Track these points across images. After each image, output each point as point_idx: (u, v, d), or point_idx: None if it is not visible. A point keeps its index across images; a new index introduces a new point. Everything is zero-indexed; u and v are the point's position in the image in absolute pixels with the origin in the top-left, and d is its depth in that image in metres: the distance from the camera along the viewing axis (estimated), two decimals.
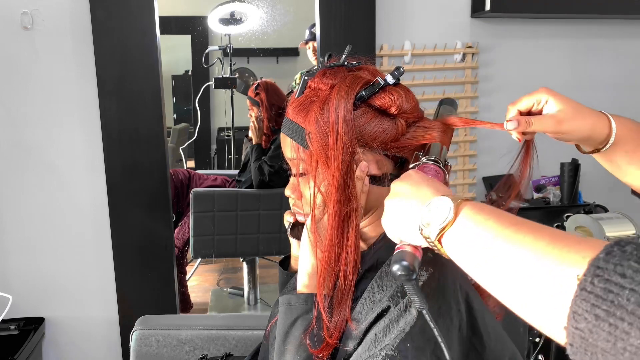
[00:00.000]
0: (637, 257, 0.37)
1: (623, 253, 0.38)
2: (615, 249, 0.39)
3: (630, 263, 0.37)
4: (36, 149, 1.88)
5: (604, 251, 0.39)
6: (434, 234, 0.53)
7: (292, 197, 0.81)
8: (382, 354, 0.65)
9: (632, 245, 0.39)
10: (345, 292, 0.73)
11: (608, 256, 0.39)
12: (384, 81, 0.73)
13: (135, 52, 1.82)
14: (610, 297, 0.37)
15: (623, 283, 0.37)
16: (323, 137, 0.72)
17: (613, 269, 0.38)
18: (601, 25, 2.21)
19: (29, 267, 1.94)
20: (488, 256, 0.48)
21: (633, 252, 0.38)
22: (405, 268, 0.56)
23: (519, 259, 0.45)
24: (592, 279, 0.38)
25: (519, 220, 0.49)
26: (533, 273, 0.44)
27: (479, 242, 0.50)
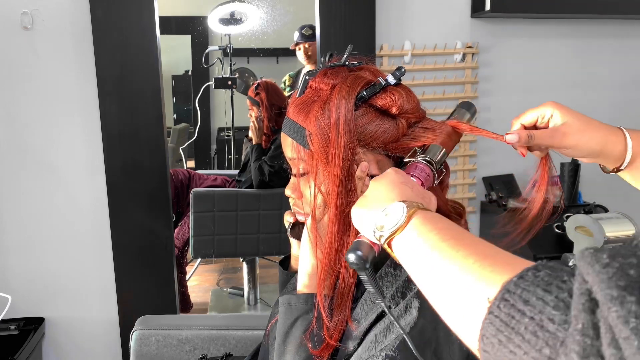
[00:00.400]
0: (546, 283, 0.37)
1: (535, 278, 0.38)
2: (530, 273, 0.39)
3: (537, 290, 0.37)
4: (36, 149, 1.88)
5: (518, 274, 0.39)
6: (384, 237, 0.56)
7: (292, 196, 0.81)
8: (382, 354, 0.65)
9: (546, 271, 0.38)
10: (345, 293, 0.73)
11: (519, 280, 0.39)
12: (385, 81, 0.73)
13: (135, 52, 1.82)
14: (512, 324, 0.37)
15: (525, 310, 0.37)
16: (324, 137, 0.72)
17: (519, 295, 0.38)
18: (601, 25, 2.21)
19: (28, 267, 1.94)
20: (425, 266, 0.50)
21: (544, 277, 0.38)
22: (358, 257, 0.59)
23: (447, 274, 0.47)
24: (500, 303, 0.39)
25: (461, 235, 0.50)
26: (456, 289, 0.45)
27: (419, 251, 0.51)
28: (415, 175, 0.69)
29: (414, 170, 0.69)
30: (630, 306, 0.31)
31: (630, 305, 0.31)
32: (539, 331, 0.36)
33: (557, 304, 0.36)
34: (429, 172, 0.70)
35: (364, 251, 0.60)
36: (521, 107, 2.44)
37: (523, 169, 2.23)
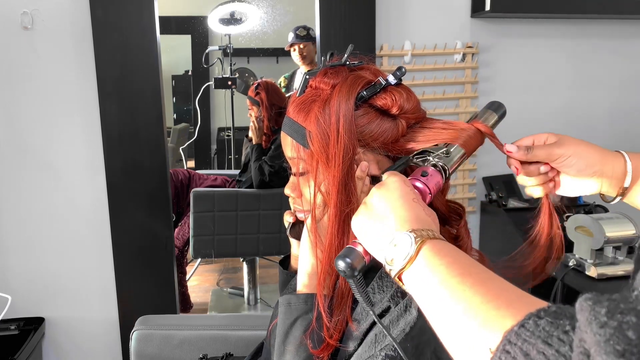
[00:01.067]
0: (547, 335, 0.37)
1: (536, 327, 0.38)
2: (531, 321, 0.38)
3: (537, 342, 0.37)
4: (36, 149, 1.88)
5: (519, 323, 0.39)
6: (394, 272, 0.54)
7: (292, 195, 0.81)
8: (382, 354, 0.65)
9: (548, 319, 0.38)
10: (345, 293, 0.73)
11: (520, 330, 0.38)
12: (385, 81, 0.73)
13: (135, 52, 1.82)
14: None
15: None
16: (324, 137, 0.71)
17: (520, 347, 0.37)
18: (601, 25, 2.21)
19: (28, 267, 1.94)
20: (433, 302, 0.49)
21: (545, 327, 0.37)
22: (347, 265, 0.58)
23: (454, 314, 0.46)
24: (501, 354, 0.39)
25: (470, 269, 0.49)
26: (461, 332, 0.44)
27: (428, 286, 0.50)
28: (423, 182, 0.65)
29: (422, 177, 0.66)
30: None
31: None
32: None
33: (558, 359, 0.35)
34: (439, 181, 0.67)
35: (354, 260, 0.59)
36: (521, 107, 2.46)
37: None
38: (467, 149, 0.72)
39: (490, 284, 0.46)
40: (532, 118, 2.19)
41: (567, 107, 2.23)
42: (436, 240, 0.53)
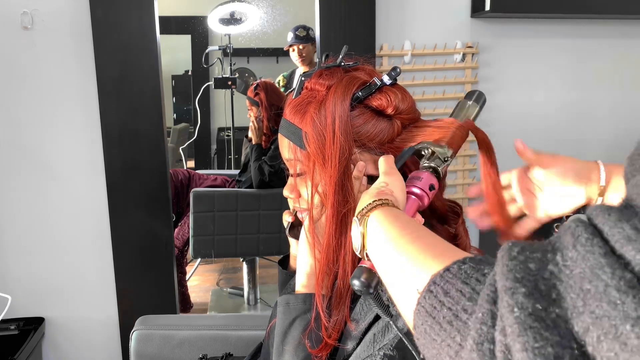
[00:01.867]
0: (467, 276, 0.39)
1: (458, 270, 0.40)
2: (455, 266, 0.41)
3: (457, 282, 0.39)
4: (36, 149, 1.88)
5: (445, 267, 0.41)
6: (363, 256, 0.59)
7: (290, 196, 0.81)
8: (380, 353, 0.65)
9: (470, 264, 0.40)
10: (344, 293, 0.73)
11: (445, 273, 0.41)
12: (380, 82, 0.73)
13: (135, 52, 1.82)
14: (434, 314, 0.40)
15: (444, 301, 0.39)
16: (320, 138, 0.72)
17: (442, 287, 0.40)
18: (601, 25, 2.21)
19: (28, 267, 1.94)
20: (381, 256, 0.54)
21: (467, 270, 0.40)
22: (362, 284, 0.61)
23: (396, 263, 0.50)
24: (426, 294, 0.41)
25: (415, 228, 0.53)
26: (401, 277, 0.48)
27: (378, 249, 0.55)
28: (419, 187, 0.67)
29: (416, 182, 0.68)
30: (518, 297, 0.33)
31: (518, 296, 0.33)
32: (454, 320, 0.38)
33: (472, 296, 0.38)
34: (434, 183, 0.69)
35: (366, 277, 0.61)
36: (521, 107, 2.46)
37: None
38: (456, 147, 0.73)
39: (429, 239, 0.50)
40: (532, 118, 2.19)
41: (567, 107, 2.23)
42: (380, 207, 0.59)
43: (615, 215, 0.33)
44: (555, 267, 0.34)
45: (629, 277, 0.30)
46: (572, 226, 0.35)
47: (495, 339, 0.34)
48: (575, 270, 0.32)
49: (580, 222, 0.34)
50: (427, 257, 0.46)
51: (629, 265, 0.30)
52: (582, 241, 0.33)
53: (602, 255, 0.31)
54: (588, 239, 0.33)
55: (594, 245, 0.32)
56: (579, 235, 0.33)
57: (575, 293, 0.32)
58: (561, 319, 0.32)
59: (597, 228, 0.33)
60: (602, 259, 0.31)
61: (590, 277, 0.31)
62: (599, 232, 0.33)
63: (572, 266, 0.33)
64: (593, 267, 0.31)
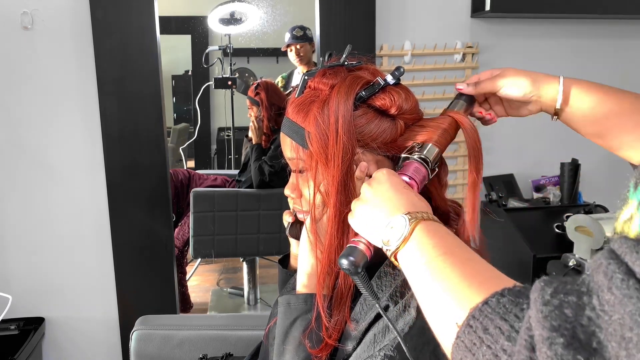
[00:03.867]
0: (505, 311, 0.39)
1: (497, 304, 0.40)
2: (494, 299, 0.41)
3: (496, 318, 0.39)
4: (36, 149, 1.88)
5: (484, 301, 0.41)
6: (391, 251, 0.57)
7: (291, 196, 0.81)
8: (381, 354, 0.65)
9: (510, 297, 0.40)
10: (344, 293, 0.73)
11: (484, 307, 0.41)
12: (384, 81, 0.73)
13: (135, 52, 1.82)
14: (474, 350, 0.39)
15: (484, 338, 0.39)
16: (323, 138, 0.71)
17: (481, 322, 0.40)
18: (601, 25, 2.21)
19: (28, 267, 1.94)
20: (418, 278, 0.53)
21: (505, 305, 0.39)
22: (351, 263, 0.61)
23: (433, 289, 0.49)
24: (465, 329, 0.41)
25: (454, 249, 0.52)
26: (439, 306, 0.47)
27: (416, 263, 0.54)
28: (409, 175, 0.68)
29: (408, 170, 0.69)
30: (557, 348, 0.32)
31: (557, 348, 0.32)
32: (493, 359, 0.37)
33: (511, 335, 0.37)
34: (424, 173, 0.70)
35: (357, 257, 0.61)
36: None
37: (523, 169, 2.23)
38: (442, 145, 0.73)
39: (470, 264, 0.49)
40: (532, 118, 2.18)
41: None
42: (429, 221, 0.57)
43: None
44: (593, 313, 0.33)
45: None
46: (603, 263, 0.33)
47: None
48: (614, 317, 0.31)
49: (611, 259, 0.33)
50: (469, 287, 0.45)
51: None
52: (617, 283, 0.32)
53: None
54: (623, 280, 0.31)
55: (630, 288, 0.31)
56: (612, 275, 0.32)
57: (617, 342, 0.31)
58: None
59: (629, 266, 0.32)
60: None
61: (630, 324, 0.30)
62: (631, 271, 0.32)
63: (611, 311, 0.32)
64: (632, 314, 0.30)
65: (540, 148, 2.22)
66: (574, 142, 2.29)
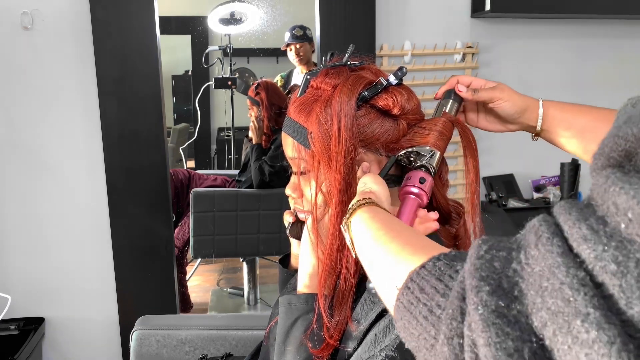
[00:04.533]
0: (441, 273, 0.41)
1: (433, 267, 0.42)
2: (431, 263, 0.43)
3: (432, 279, 0.41)
4: (36, 149, 1.88)
5: (421, 264, 0.43)
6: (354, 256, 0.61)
7: (292, 196, 0.81)
8: (382, 354, 0.65)
9: (444, 261, 0.42)
10: (346, 293, 0.73)
11: (421, 270, 0.43)
12: (386, 81, 0.73)
13: (135, 52, 1.82)
14: (411, 309, 0.42)
15: (420, 297, 0.41)
16: (325, 138, 0.71)
17: (418, 283, 0.42)
18: (601, 25, 2.21)
19: (28, 267, 1.94)
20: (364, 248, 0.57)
21: (441, 267, 0.42)
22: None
23: (377, 257, 0.53)
24: (404, 290, 0.43)
25: (397, 226, 0.56)
26: (381, 272, 0.51)
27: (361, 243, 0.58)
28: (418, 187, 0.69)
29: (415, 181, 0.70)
30: (482, 295, 0.35)
31: (482, 294, 0.35)
32: (429, 316, 0.40)
33: (445, 292, 0.40)
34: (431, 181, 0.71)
35: None
36: None
37: (523, 169, 2.23)
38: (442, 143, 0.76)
39: (409, 236, 0.53)
40: None
41: None
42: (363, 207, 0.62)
43: (575, 215, 0.34)
44: (518, 266, 0.35)
45: (581, 275, 0.31)
46: (536, 225, 0.36)
47: (464, 333, 0.36)
48: (535, 269, 0.34)
49: (544, 221, 0.36)
50: (406, 254, 0.48)
51: (583, 263, 0.32)
52: (543, 240, 0.34)
53: (559, 255, 0.33)
54: (549, 238, 0.34)
55: (554, 245, 0.34)
56: (541, 234, 0.35)
57: (535, 290, 0.33)
58: (522, 315, 0.33)
59: (559, 227, 0.35)
60: (559, 257, 0.33)
61: (548, 275, 0.33)
62: (560, 230, 0.35)
63: (533, 264, 0.34)
64: (551, 266, 0.33)
65: (540, 148, 2.21)
66: None
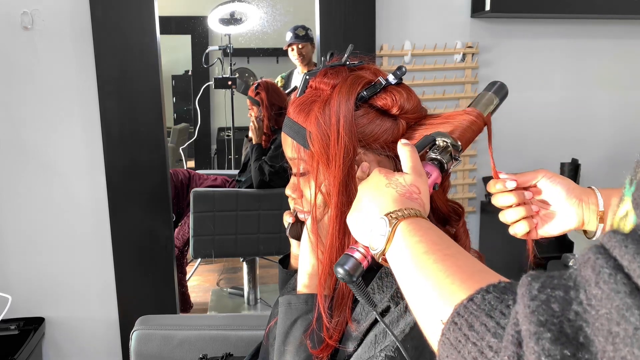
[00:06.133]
0: (491, 308, 0.39)
1: (482, 301, 0.40)
2: (479, 296, 0.40)
3: (481, 315, 0.39)
4: (36, 149, 1.88)
5: (469, 297, 0.41)
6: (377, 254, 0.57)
7: (292, 196, 0.81)
8: (382, 355, 0.65)
9: (494, 294, 0.40)
10: (346, 293, 0.73)
11: (469, 303, 0.40)
12: (385, 81, 0.72)
13: (135, 52, 1.82)
14: (459, 347, 0.39)
15: (469, 335, 0.39)
16: (324, 138, 0.71)
17: (466, 319, 0.40)
18: (601, 25, 2.21)
19: (28, 267, 1.94)
20: (405, 275, 0.52)
21: (491, 301, 0.39)
22: (345, 272, 0.61)
23: (419, 286, 0.49)
24: (450, 326, 0.41)
25: (439, 245, 0.52)
26: (424, 302, 0.47)
27: (403, 261, 0.53)
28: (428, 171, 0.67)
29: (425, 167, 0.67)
30: (545, 343, 0.32)
31: (544, 343, 0.32)
32: (479, 357, 0.37)
33: (497, 332, 0.37)
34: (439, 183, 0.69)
35: (351, 267, 0.61)
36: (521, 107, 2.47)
37: (523, 169, 2.23)
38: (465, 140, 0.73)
39: (454, 259, 0.49)
40: (532, 118, 2.19)
41: (567, 107, 2.23)
42: (411, 218, 0.56)
43: (633, 248, 0.31)
44: (580, 307, 0.32)
45: None
46: (591, 258, 0.33)
47: None
48: (601, 311, 0.31)
49: (599, 253, 0.33)
50: (453, 283, 0.45)
51: None
52: (604, 277, 0.31)
53: (628, 295, 0.30)
54: (611, 275, 0.31)
55: (618, 283, 0.31)
56: (600, 270, 0.32)
57: (604, 336, 0.30)
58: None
59: (617, 261, 0.32)
60: (627, 298, 0.30)
61: (617, 319, 0.30)
62: (619, 265, 0.31)
63: (598, 306, 0.31)
64: (620, 308, 0.30)
65: (540, 148, 2.22)
66: (574, 142, 2.29)
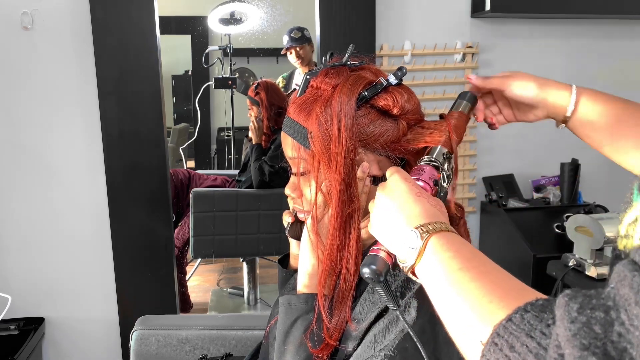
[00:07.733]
0: (531, 328, 0.39)
1: (522, 321, 0.39)
2: (518, 315, 0.40)
3: (521, 335, 0.39)
4: (36, 149, 1.88)
5: (508, 317, 0.41)
6: (407, 268, 0.56)
7: (292, 195, 0.81)
8: (381, 354, 0.65)
9: (533, 313, 0.39)
10: (346, 293, 0.73)
11: (508, 323, 0.40)
12: (386, 81, 0.73)
13: (135, 52, 1.82)
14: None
15: (510, 356, 0.38)
16: (325, 138, 0.71)
17: (506, 340, 0.39)
18: (601, 26, 2.21)
19: (28, 267, 1.94)
20: (439, 293, 0.51)
21: (530, 321, 0.39)
22: (373, 272, 0.60)
23: (455, 304, 0.48)
24: (490, 347, 0.41)
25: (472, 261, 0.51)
26: (461, 322, 0.47)
27: (435, 278, 0.52)
28: (422, 180, 0.67)
29: (422, 175, 0.67)
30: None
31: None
32: None
33: (539, 352, 0.37)
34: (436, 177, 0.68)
35: (379, 266, 0.61)
36: None
37: (523, 169, 2.23)
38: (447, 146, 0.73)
39: (489, 276, 0.48)
40: None
41: None
42: (442, 233, 0.55)
43: None
44: (622, 328, 0.32)
45: None
46: (628, 276, 0.32)
47: None
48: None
49: (636, 270, 0.32)
50: (490, 302, 0.45)
51: None
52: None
53: None
54: None
55: None
56: (639, 288, 0.31)
57: None
58: None
59: None
60: None
61: None
62: None
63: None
64: None
65: (540, 148, 2.22)
66: (574, 142, 2.29)
